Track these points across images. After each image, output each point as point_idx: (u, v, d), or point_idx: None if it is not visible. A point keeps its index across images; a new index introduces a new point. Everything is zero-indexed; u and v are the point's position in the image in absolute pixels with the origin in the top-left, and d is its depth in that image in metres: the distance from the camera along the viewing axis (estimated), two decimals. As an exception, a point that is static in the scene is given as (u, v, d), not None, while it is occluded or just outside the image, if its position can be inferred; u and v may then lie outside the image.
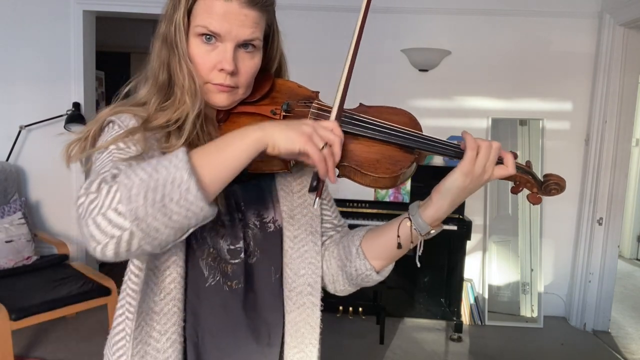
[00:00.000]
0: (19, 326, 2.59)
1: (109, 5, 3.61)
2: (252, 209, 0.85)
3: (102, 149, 0.75)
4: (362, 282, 0.89)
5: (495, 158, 0.79)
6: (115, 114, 0.79)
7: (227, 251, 0.82)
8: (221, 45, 0.77)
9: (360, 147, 0.79)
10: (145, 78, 0.84)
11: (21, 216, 3.24)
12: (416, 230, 0.82)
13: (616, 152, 3.39)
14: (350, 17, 3.90)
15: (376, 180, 0.78)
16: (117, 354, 0.81)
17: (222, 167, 0.64)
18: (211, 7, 0.75)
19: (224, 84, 0.78)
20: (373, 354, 3.03)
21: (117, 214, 0.60)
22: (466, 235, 3.24)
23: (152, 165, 0.61)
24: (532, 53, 3.55)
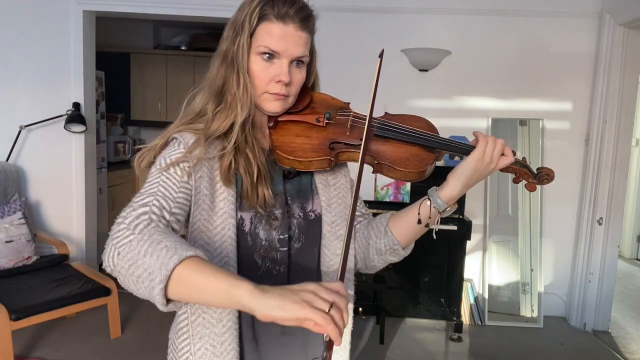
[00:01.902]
0: (19, 326, 2.60)
1: (109, 5, 3.61)
2: (296, 202, 0.99)
3: (158, 170, 0.88)
4: (390, 256, 1.03)
5: (500, 150, 0.94)
6: (178, 132, 0.92)
7: (277, 240, 0.95)
8: (278, 62, 0.91)
9: (391, 148, 0.96)
10: (201, 88, 0.97)
11: (21, 216, 3.24)
12: (435, 208, 0.96)
13: (616, 152, 3.39)
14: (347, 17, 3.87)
15: (406, 174, 0.95)
16: (181, 338, 0.94)
17: (193, 292, 0.72)
18: (271, 30, 0.89)
19: (279, 93, 0.92)
20: (373, 354, 3.03)
21: (116, 256, 0.76)
22: (466, 235, 3.24)
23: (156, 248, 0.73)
24: (532, 53, 3.55)
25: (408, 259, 1.03)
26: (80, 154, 3.72)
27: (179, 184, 0.87)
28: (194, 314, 0.91)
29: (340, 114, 0.99)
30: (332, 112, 0.98)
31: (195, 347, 0.92)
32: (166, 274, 0.69)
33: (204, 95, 0.96)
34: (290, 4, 0.90)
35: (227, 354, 0.90)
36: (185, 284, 0.70)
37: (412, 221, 0.98)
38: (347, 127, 0.97)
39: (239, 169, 0.91)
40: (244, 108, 0.91)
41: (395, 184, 3.31)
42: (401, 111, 3.75)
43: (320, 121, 0.96)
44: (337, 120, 0.98)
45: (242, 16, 0.91)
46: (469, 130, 3.75)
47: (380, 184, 3.31)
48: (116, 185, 4.84)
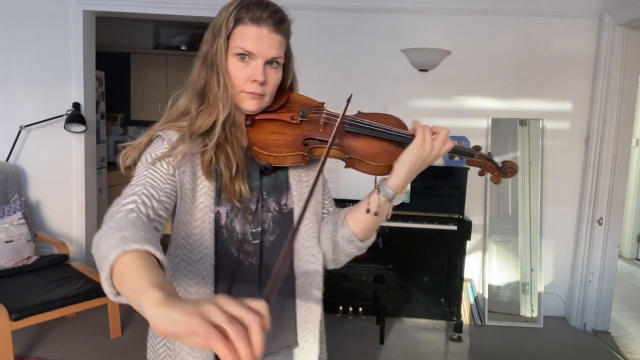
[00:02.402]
0: (19, 326, 2.60)
1: (109, 5, 3.61)
2: (272, 196, 1.05)
3: (144, 164, 0.93)
4: (349, 247, 1.06)
5: (443, 138, 0.99)
6: (162, 130, 0.98)
7: (250, 234, 1.01)
8: (253, 62, 0.96)
9: (362, 144, 1.01)
10: (185, 90, 1.03)
11: (21, 216, 3.24)
12: (384, 197, 0.99)
13: (616, 152, 3.39)
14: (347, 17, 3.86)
15: (376, 168, 1.00)
16: (159, 337, 0.99)
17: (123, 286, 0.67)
18: (247, 33, 0.95)
19: (255, 92, 0.97)
20: (373, 354, 3.03)
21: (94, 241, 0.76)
22: (466, 235, 3.24)
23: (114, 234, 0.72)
24: (532, 53, 3.55)
25: (408, 259, 1.03)
26: (80, 154, 3.72)
27: (165, 176, 0.92)
28: None
29: (314, 112, 1.04)
30: (306, 111, 1.03)
31: (175, 343, 0.97)
32: (109, 264, 0.68)
33: (187, 96, 1.01)
34: (264, 8, 0.96)
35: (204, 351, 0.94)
36: (117, 277, 0.68)
37: (363, 211, 1.01)
38: (320, 125, 1.02)
39: (219, 164, 0.97)
40: (225, 107, 0.97)
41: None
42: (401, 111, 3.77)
43: (294, 119, 1.02)
44: (311, 118, 1.03)
45: (220, 20, 0.97)
46: (469, 131, 3.79)
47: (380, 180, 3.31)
48: (116, 185, 4.84)
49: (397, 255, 3.47)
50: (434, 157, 0.99)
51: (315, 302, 1.06)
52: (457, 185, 3.40)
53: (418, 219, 3.27)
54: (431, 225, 3.24)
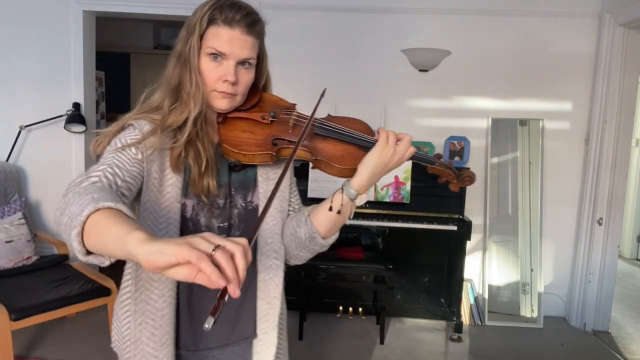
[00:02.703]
0: (19, 326, 2.59)
1: (109, 5, 3.61)
2: (239, 192, 1.08)
3: (113, 148, 0.95)
4: (310, 244, 1.08)
5: (407, 144, 1.01)
6: (135, 119, 1.01)
7: (217, 228, 1.04)
8: (225, 62, 0.98)
9: (329, 147, 1.04)
10: (159, 85, 1.05)
11: (21, 216, 3.24)
12: (347, 196, 1.03)
13: (616, 152, 3.39)
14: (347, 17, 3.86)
15: (341, 170, 1.03)
16: (123, 309, 1.05)
17: (99, 238, 0.70)
18: (219, 34, 0.97)
19: (226, 92, 0.99)
20: (373, 354, 3.03)
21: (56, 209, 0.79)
22: (466, 235, 3.24)
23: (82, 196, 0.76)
24: (532, 53, 3.55)
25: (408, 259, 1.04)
26: (80, 154, 3.72)
27: (132, 160, 0.94)
28: (137, 290, 1.01)
29: (284, 114, 1.06)
30: (277, 111, 1.06)
31: (136, 321, 1.01)
32: (81, 220, 0.70)
33: (161, 92, 1.04)
34: (237, 10, 0.98)
35: (165, 327, 1.00)
36: (93, 231, 0.70)
37: (326, 209, 1.04)
38: (290, 126, 1.04)
39: (189, 159, 0.99)
40: (197, 104, 0.99)
41: (395, 185, 3.31)
42: (401, 111, 3.77)
43: (265, 119, 1.05)
44: (281, 119, 1.06)
45: (194, 20, 0.99)
46: (469, 131, 3.79)
47: (380, 184, 3.31)
48: (116, 185, 4.83)
49: (397, 255, 3.47)
50: (397, 162, 1.02)
51: (275, 296, 1.10)
52: (457, 185, 3.39)
53: (418, 219, 3.27)
54: (431, 225, 3.24)
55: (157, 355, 1.01)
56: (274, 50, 4.07)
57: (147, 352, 1.01)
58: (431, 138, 3.59)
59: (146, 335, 1.01)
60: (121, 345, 1.08)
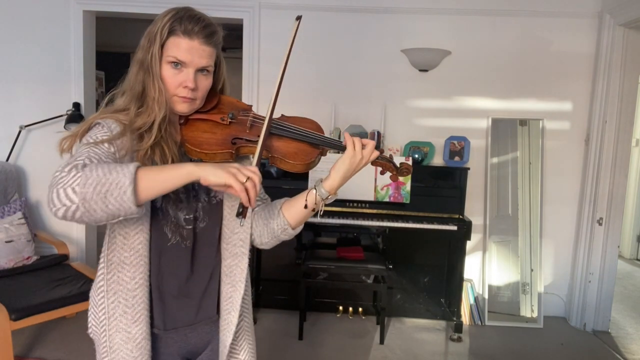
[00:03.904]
0: (19, 326, 2.59)
1: (109, 5, 3.61)
2: (202, 188, 1.16)
3: (85, 144, 1.00)
4: (282, 234, 1.21)
5: (370, 149, 1.13)
6: (102, 119, 1.07)
7: (183, 219, 1.14)
8: (185, 70, 1.07)
9: (283, 144, 1.14)
10: (122, 91, 1.12)
11: (21, 216, 3.24)
12: (319, 196, 1.14)
13: (616, 152, 3.39)
14: (347, 17, 3.85)
15: (294, 165, 1.13)
16: (98, 293, 1.13)
17: (156, 186, 0.92)
18: (179, 44, 1.05)
19: (186, 97, 1.08)
20: (373, 354, 3.03)
21: (73, 192, 0.87)
22: (466, 235, 3.24)
23: (110, 168, 0.89)
24: (532, 53, 3.55)
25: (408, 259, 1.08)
26: (80, 154, 3.72)
27: (107, 153, 1.00)
28: (109, 272, 1.10)
29: (242, 115, 1.15)
30: (235, 113, 1.15)
31: (109, 300, 1.10)
32: (132, 178, 0.87)
33: (126, 98, 1.10)
34: (196, 22, 1.06)
35: (137, 306, 1.09)
36: (149, 182, 0.90)
37: (300, 206, 1.16)
38: (247, 126, 1.13)
39: (155, 157, 1.07)
40: (161, 109, 1.06)
41: (395, 185, 3.31)
42: (401, 111, 3.78)
43: (224, 120, 1.13)
44: (239, 120, 1.15)
45: (155, 29, 1.07)
46: (469, 131, 3.78)
47: (380, 184, 3.31)
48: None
49: (397, 255, 3.47)
50: (364, 164, 1.14)
51: (240, 280, 1.20)
52: (457, 185, 3.40)
53: (418, 219, 3.27)
54: (431, 225, 3.24)
55: (130, 331, 1.09)
56: (274, 51, 4.07)
57: (120, 327, 1.10)
58: (431, 138, 3.59)
59: (119, 313, 1.09)
60: (98, 330, 1.14)
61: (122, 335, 1.10)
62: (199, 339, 1.22)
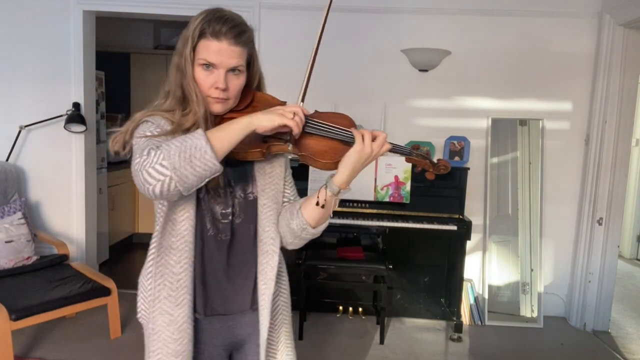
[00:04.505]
0: (19, 326, 2.60)
1: (109, 5, 3.61)
2: (238, 185, 1.21)
3: (142, 137, 1.07)
4: (302, 234, 1.22)
5: (381, 142, 1.13)
6: (148, 116, 1.14)
7: (220, 214, 1.18)
8: (216, 71, 1.11)
9: (313, 143, 1.14)
10: (165, 92, 1.18)
11: (21, 216, 3.24)
12: (330, 192, 1.15)
13: (616, 152, 3.39)
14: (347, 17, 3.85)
15: (324, 164, 1.14)
16: (147, 277, 1.20)
17: (226, 139, 1.01)
18: (209, 46, 1.09)
19: (219, 97, 1.13)
20: (373, 354, 3.03)
21: (162, 166, 0.95)
22: (466, 235, 3.24)
23: (182, 139, 0.98)
24: (532, 53, 3.55)
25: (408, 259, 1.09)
26: (80, 154, 3.72)
27: (165, 140, 1.05)
28: (159, 255, 1.16)
29: None
30: None
31: (156, 282, 1.15)
32: (205, 138, 0.97)
33: (170, 101, 1.16)
34: (224, 23, 1.09)
35: (181, 289, 1.14)
36: (218, 138, 0.99)
37: (313, 204, 1.17)
38: None
39: None
40: (201, 107, 1.12)
41: (395, 185, 3.31)
42: (401, 111, 3.78)
43: None
44: None
45: (188, 33, 1.12)
46: (469, 131, 3.78)
47: (380, 184, 3.31)
48: (116, 185, 4.84)
49: (397, 255, 3.47)
50: (374, 157, 1.14)
51: (270, 277, 1.23)
52: (457, 185, 3.40)
53: (418, 219, 3.27)
54: (431, 225, 3.24)
55: (173, 313, 1.14)
56: (273, 51, 4.08)
57: (163, 310, 1.14)
58: (431, 138, 3.59)
59: (164, 295, 1.14)
60: (148, 315, 1.19)
61: (165, 318, 1.14)
62: (241, 331, 1.26)
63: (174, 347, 1.13)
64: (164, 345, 1.14)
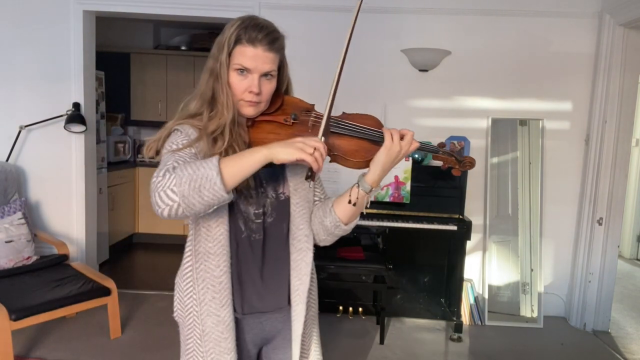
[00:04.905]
0: (19, 326, 2.60)
1: (109, 5, 3.61)
2: (270, 185, 1.26)
3: (169, 151, 1.12)
4: (335, 231, 1.28)
5: (409, 140, 1.18)
6: (179, 124, 1.19)
7: (253, 214, 1.23)
8: (250, 76, 1.16)
9: (344, 142, 1.19)
10: (195, 96, 1.23)
11: (21, 216, 3.24)
12: (362, 190, 1.20)
13: (616, 152, 3.39)
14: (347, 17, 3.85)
15: (355, 163, 1.18)
16: (186, 281, 1.25)
17: (239, 172, 1.03)
18: (245, 52, 1.15)
19: (252, 101, 1.17)
20: (373, 354, 3.03)
21: (172, 192, 0.99)
22: (466, 235, 3.24)
23: (197, 165, 1.01)
24: (532, 53, 3.55)
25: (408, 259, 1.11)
26: (80, 154, 3.72)
27: (189, 155, 1.11)
28: (197, 262, 1.21)
29: (304, 115, 1.22)
30: (298, 114, 1.21)
31: (199, 286, 1.20)
32: (217, 170, 1.00)
33: (197, 103, 1.21)
34: (259, 30, 1.15)
35: (223, 291, 1.20)
36: (231, 170, 1.02)
37: (346, 202, 1.22)
38: (309, 126, 1.20)
39: None
40: (229, 112, 1.17)
41: (395, 185, 3.31)
42: (401, 111, 3.77)
43: (287, 121, 1.20)
44: (302, 120, 1.21)
45: (223, 39, 1.16)
46: (469, 131, 3.78)
47: (381, 183, 3.32)
48: (116, 185, 4.84)
49: (397, 255, 3.47)
50: (403, 155, 1.19)
51: (305, 273, 1.28)
52: (457, 185, 3.40)
53: (418, 219, 3.27)
54: (431, 225, 3.24)
55: (219, 314, 1.20)
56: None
57: (210, 312, 1.20)
58: (431, 138, 3.58)
59: (209, 298, 1.20)
60: (183, 313, 1.25)
61: (213, 319, 1.20)
62: (272, 327, 1.31)
63: (224, 345, 1.20)
64: (215, 345, 1.20)
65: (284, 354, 1.34)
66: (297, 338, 1.29)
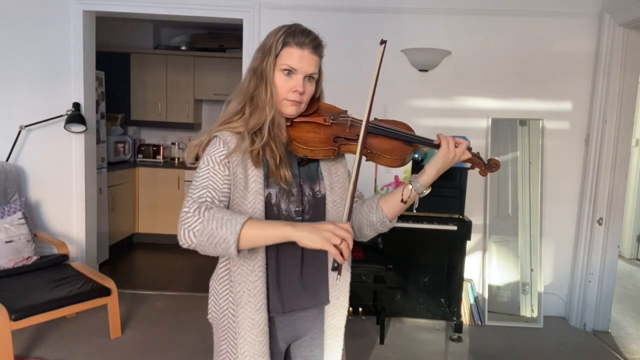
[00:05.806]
0: (19, 326, 2.60)
1: (109, 5, 3.61)
2: (307, 183, 1.32)
3: (205, 168, 1.20)
4: (380, 226, 1.35)
5: (463, 148, 1.28)
6: (219, 131, 1.26)
7: (294, 212, 1.28)
8: (295, 76, 1.24)
9: (380, 142, 1.30)
10: (237, 95, 1.30)
11: (21, 216, 3.24)
12: (415, 191, 1.29)
13: (616, 152, 3.39)
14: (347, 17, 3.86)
15: (392, 161, 1.29)
16: (222, 284, 1.30)
17: (257, 240, 1.13)
18: (292, 53, 1.23)
19: (295, 100, 1.25)
20: (373, 354, 3.03)
21: (193, 235, 1.11)
22: (466, 235, 3.24)
23: (221, 223, 1.10)
24: (532, 53, 3.55)
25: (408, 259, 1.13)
26: (80, 154, 3.72)
27: (223, 178, 1.19)
28: (234, 265, 1.25)
29: (341, 117, 1.31)
30: (335, 115, 1.31)
31: (235, 289, 1.25)
32: (236, 237, 1.08)
33: (238, 101, 1.28)
34: (306, 35, 1.25)
35: (258, 295, 1.24)
36: (250, 238, 1.11)
37: (397, 200, 1.30)
38: (346, 126, 1.28)
39: (266, 155, 1.23)
40: (271, 110, 1.24)
41: (395, 185, 3.31)
42: (401, 111, 3.78)
43: (327, 121, 1.29)
44: (339, 122, 1.30)
45: (269, 43, 1.25)
46: (469, 131, 3.78)
47: (380, 184, 3.31)
48: (116, 185, 4.84)
49: (397, 255, 3.47)
50: (455, 162, 1.29)
51: (346, 268, 1.36)
52: (457, 185, 3.40)
53: (418, 219, 3.27)
54: (431, 225, 3.24)
55: (254, 317, 1.24)
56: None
57: (246, 315, 1.24)
58: (431, 138, 3.59)
59: (244, 301, 1.24)
60: (218, 315, 1.31)
61: (248, 322, 1.24)
62: (303, 325, 1.36)
63: (259, 348, 1.24)
64: (250, 347, 1.24)
65: (309, 351, 1.39)
66: (338, 331, 1.37)
